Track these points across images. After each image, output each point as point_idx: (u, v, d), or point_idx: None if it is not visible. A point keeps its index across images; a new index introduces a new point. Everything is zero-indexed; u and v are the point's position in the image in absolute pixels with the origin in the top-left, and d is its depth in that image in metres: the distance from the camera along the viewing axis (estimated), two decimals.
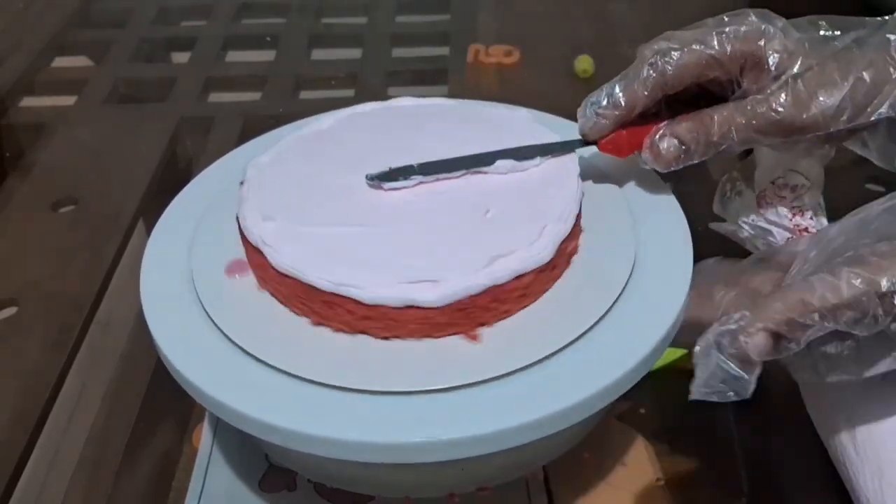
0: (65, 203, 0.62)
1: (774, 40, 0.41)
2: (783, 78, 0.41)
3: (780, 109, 0.40)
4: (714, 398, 0.36)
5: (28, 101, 0.77)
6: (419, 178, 0.42)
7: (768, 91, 0.41)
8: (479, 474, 0.41)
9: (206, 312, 0.40)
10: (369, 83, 0.76)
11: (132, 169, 0.65)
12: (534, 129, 0.46)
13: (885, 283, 0.33)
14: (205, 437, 0.46)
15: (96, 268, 0.56)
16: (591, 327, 0.38)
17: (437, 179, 0.43)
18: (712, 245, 0.51)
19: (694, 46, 0.42)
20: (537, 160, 0.44)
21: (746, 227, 0.48)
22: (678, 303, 0.40)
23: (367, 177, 0.42)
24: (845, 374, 0.36)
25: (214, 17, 0.89)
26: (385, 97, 0.51)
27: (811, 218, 0.47)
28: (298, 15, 0.89)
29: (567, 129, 0.48)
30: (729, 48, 0.41)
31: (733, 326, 0.36)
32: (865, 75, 0.39)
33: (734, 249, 0.51)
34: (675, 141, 0.42)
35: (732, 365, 0.35)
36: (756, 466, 0.45)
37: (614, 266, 0.41)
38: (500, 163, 0.43)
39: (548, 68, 0.77)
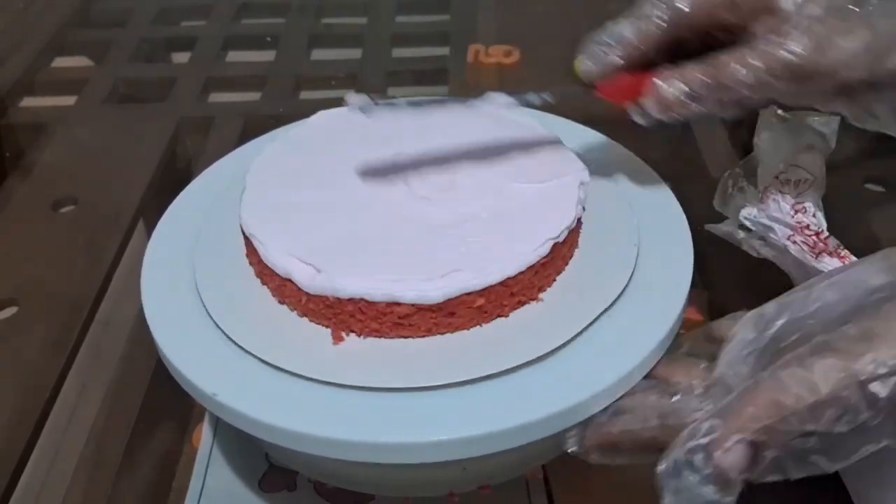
0: (65, 203, 0.62)
1: None
2: (803, 20, 0.38)
3: (798, 51, 0.37)
4: None
5: (28, 101, 0.77)
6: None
7: (785, 34, 0.38)
8: (481, 473, 0.41)
9: (208, 313, 0.40)
10: (369, 83, 0.76)
11: (132, 169, 0.65)
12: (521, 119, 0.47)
13: (866, 370, 0.29)
14: (205, 437, 0.46)
15: (96, 268, 0.56)
16: (591, 326, 0.38)
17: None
18: (712, 245, 0.51)
19: None
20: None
21: (748, 223, 0.48)
22: (678, 303, 0.40)
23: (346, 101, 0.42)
24: (813, 470, 0.32)
25: (214, 17, 0.89)
26: (385, 97, 0.51)
27: (813, 215, 0.47)
28: (298, 15, 0.89)
29: (567, 130, 0.48)
30: None
31: (704, 440, 0.30)
32: (887, 24, 0.37)
33: (732, 250, 0.51)
34: (683, 85, 0.39)
35: (709, 487, 0.30)
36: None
37: (615, 266, 0.41)
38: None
39: (548, 68, 0.77)
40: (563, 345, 0.38)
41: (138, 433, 0.48)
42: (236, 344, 0.38)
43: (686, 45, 0.41)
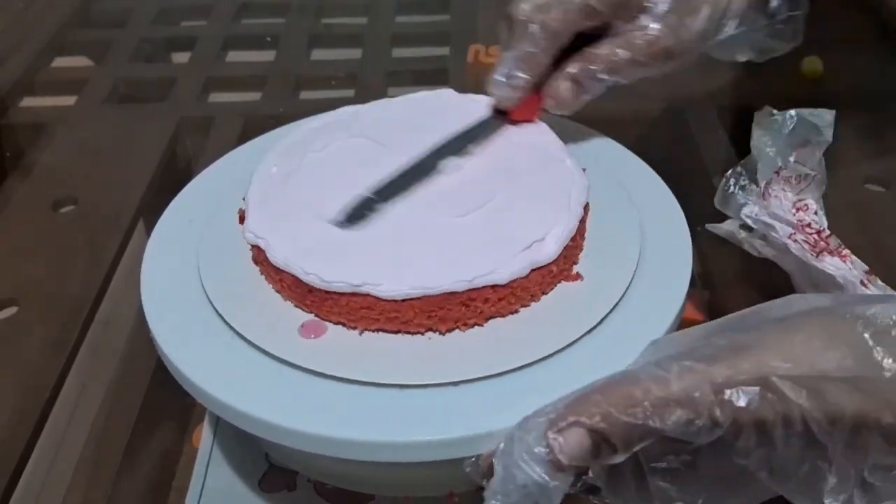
0: (65, 203, 0.62)
1: None
2: (656, 13, 0.45)
3: (656, 39, 0.45)
4: None
5: (28, 101, 0.77)
6: (380, 204, 0.41)
7: (644, 25, 0.45)
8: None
9: (215, 309, 0.40)
10: (369, 83, 0.76)
11: (132, 169, 0.65)
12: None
13: (720, 375, 0.28)
14: (205, 436, 0.46)
15: (96, 268, 0.56)
16: (592, 328, 0.38)
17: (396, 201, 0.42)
18: (712, 245, 0.51)
19: (574, 0, 0.44)
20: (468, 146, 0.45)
21: (749, 221, 0.48)
22: (677, 303, 0.40)
23: (330, 222, 0.41)
24: (684, 499, 0.30)
25: (214, 17, 0.89)
26: (385, 97, 0.51)
27: (815, 213, 0.47)
28: (298, 15, 0.89)
29: (568, 130, 0.48)
30: None
31: (540, 419, 0.29)
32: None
33: (732, 250, 0.51)
34: (569, 83, 0.45)
35: (537, 469, 0.29)
36: None
37: (616, 266, 0.41)
38: (440, 163, 0.44)
39: None
40: (563, 347, 0.38)
41: (138, 433, 0.48)
42: (242, 337, 0.38)
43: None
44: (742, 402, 0.28)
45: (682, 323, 0.40)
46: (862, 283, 0.44)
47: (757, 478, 0.29)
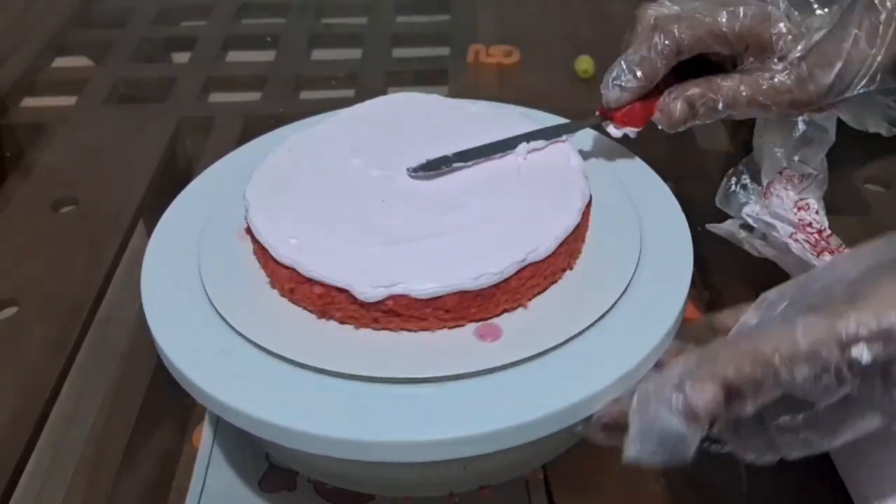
0: (65, 203, 0.62)
1: (779, 24, 0.45)
2: (787, 59, 0.45)
3: (783, 87, 0.44)
4: (649, 458, 0.31)
5: (28, 101, 0.77)
6: (459, 163, 0.44)
7: (773, 69, 0.45)
8: (481, 473, 0.41)
9: (215, 309, 0.40)
10: (369, 83, 0.76)
11: (132, 169, 0.65)
12: (521, 121, 0.47)
13: (846, 330, 0.29)
14: (205, 437, 0.46)
15: (96, 268, 0.56)
16: (591, 326, 0.38)
17: (476, 163, 0.44)
18: (712, 245, 0.51)
19: (704, 19, 0.44)
20: (564, 138, 0.46)
21: (750, 220, 0.48)
22: (678, 303, 0.40)
23: (407, 170, 0.43)
24: (806, 448, 0.32)
25: (214, 17, 0.89)
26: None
27: (816, 212, 0.47)
28: (298, 15, 0.89)
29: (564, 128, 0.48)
30: (737, 27, 0.44)
31: (677, 373, 0.31)
32: (852, 54, 0.43)
33: (733, 250, 0.51)
34: (685, 104, 0.45)
35: (675, 419, 0.31)
36: (756, 467, 0.45)
37: (615, 267, 0.41)
38: (523, 145, 0.45)
39: (548, 68, 0.77)
40: (562, 343, 0.38)
41: (138, 433, 0.48)
42: (244, 337, 0.38)
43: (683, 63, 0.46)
44: (867, 359, 0.29)
45: (682, 322, 0.40)
46: None
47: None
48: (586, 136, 0.50)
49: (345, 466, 0.40)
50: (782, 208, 0.47)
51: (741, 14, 0.45)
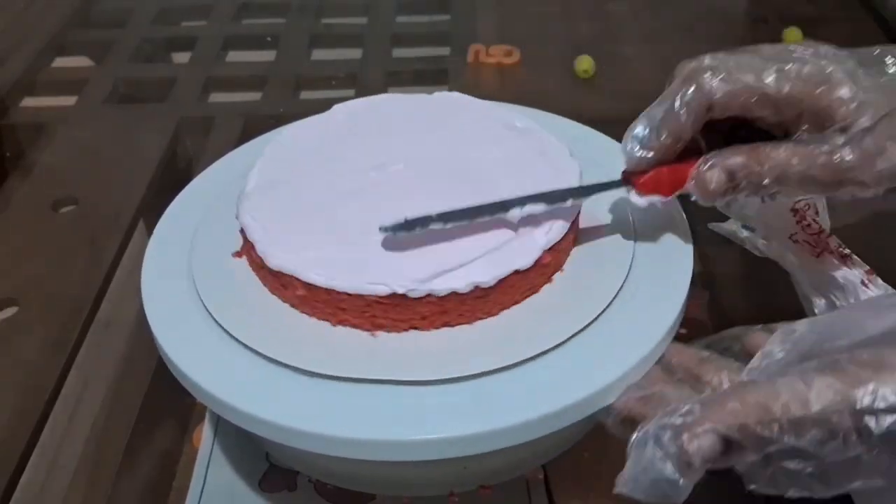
0: (65, 203, 0.62)
1: (842, 88, 0.37)
2: (851, 131, 0.37)
3: (845, 164, 0.35)
4: (640, 497, 0.31)
5: (28, 101, 0.77)
6: (438, 225, 0.39)
7: (833, 141, 0.36)
8: (481, 473, 0.41)
9: (209, 311, 0.40)
10: (369, 83, 0.76)
11: (132, 169, 0.65)
12: (529, 127, 0.47)
13: (861, 399, 0.28)
14: (205, 436, 0.46)
15: (96, 268, 0.56)
16: (589, 326, 0.38)
17: (458, 226, 0.39)
18: (713, 244, 0.51)
19: (745, 78, 0.37)
20: (569, 202, 0.41)
21: (751, 220, 0.48)
22: (678, 303, 0.40)
23: (380, 228, 0.38)
24: (808, 492, 0.30)
25: (214, 17, 0.89)
26: None
27: (816, 213, 0.47)
28: (298, 15, 0.89)
29: (568, 130, 0.48)
30: (787, 88, 0.37)
31: (678, 421, 0.30)
32: None
33: (733, 250, 0.51)
34: (724, 174, 0.38)
35: (668, 465, 0.30)
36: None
37: (612, 266, 0.41)
38: (529, 207, 0.40)
39: (548, 68, 0.77)
40: (561, 343, 0.38)
41: (138, 433, 0.48)
42: (237, 341, 0.38)
43: (721, 122, 0.40)
44: (880, 430, 0.28)
45: (682, 322, 0.40)
46: (862, 283, 0.44)
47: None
48: (586, 136, 0.50)
49: (345, 466, 0.40)
50: (782, 209, 0.47)
51: (793, 73, 0.37)
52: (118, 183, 0.64)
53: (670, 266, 0.42)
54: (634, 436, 0.31)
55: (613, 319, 0.39)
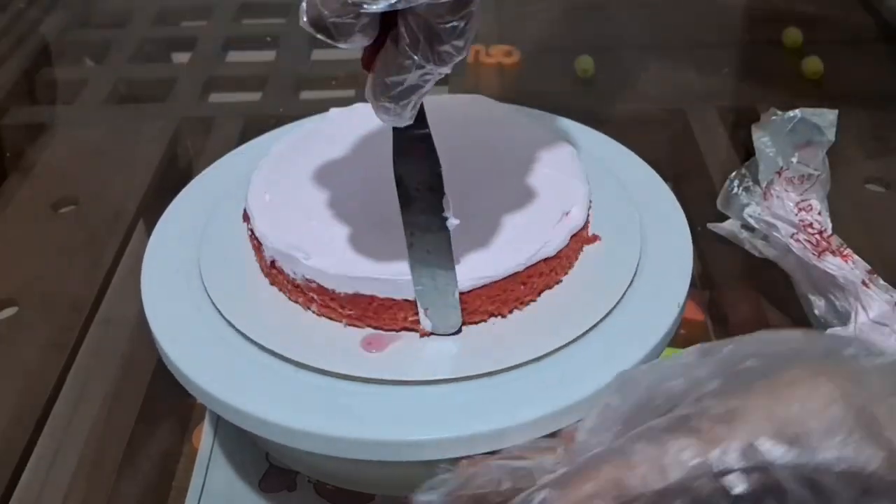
0: (65, 203, 0.62)
1: None
2: None
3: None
4: None
5: (28, 102, 0.77)
6: None
7: None
8: None
9: (216, 308, 0.40)
10: None
11: (132, 169, 0.65)
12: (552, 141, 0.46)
13: (721, 461, 0.26)
14: (205, 436, 0.46)
15: (96, 268, 0.56)
16: (590, 328, 0.38)
17: None
18: (713, 245, 0.51)
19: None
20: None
21: (752, 220, 0.48)
22: (677, 303, 0.40)
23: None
24: None
25: (214, 17, 0.89)
26: None
27: (818, 213, 0.47)
28: (299, 15, 0.89)
29: (568, 130, 0.48)
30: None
31: (537, 498, 0.27)
32: None
33: (733, 250, 0.51)
34: None
35: None
36: None
37: (616, 267, 0.41)
38: None
39: (548, 68, 0.77)
40: (560, 346, 0.38)
41: (138, 433, 0.48)
42: (237, 340, 0.38)
43: None
44: (740, 490, 0.27)
45: (682, 322, 0.40)
46: (863, 282, 0.44)
47: None
48: (586, 136, 0.50)
49: (345, 466, 0.40)
50: (783, 209, 0.47)
51: None
52: (118, 183, 0.64)
53: (670, 266, 0.42)
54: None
55: (613, 320, 0.39)
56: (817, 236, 0.47)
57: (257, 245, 0.41)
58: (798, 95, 0.66)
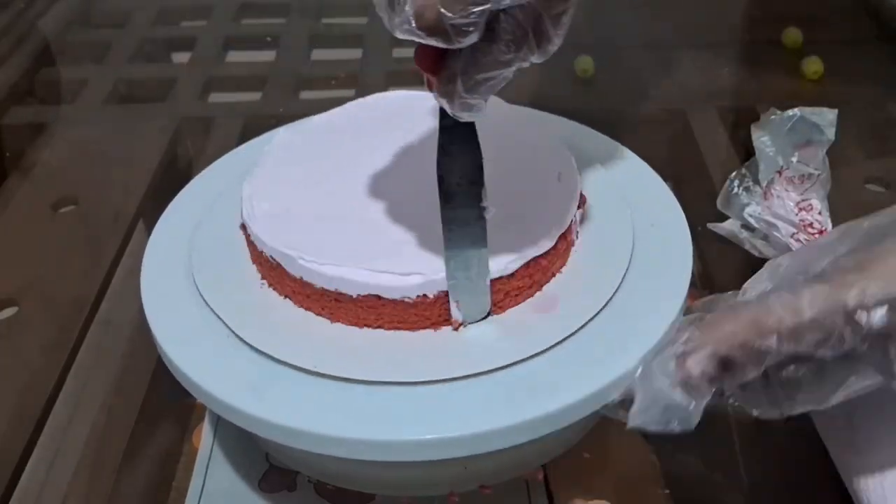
0: (65, 203, 0.62)
1: None
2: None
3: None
4: (653, 427, 0.32)
5: (28, 102, 0.77)
6: None
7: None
8: (481, 473, 0.41)
9: (209, 310, 0.40)
10: (369, 83, 0.76)
11: (132, 169, 0.65)
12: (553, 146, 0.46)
13: (852, 300, 0.29)
14: (205, 436, 0.46)
15: (96, 268, 0.56)
16: (587, 324, 0.38)
17: None
18: (712, 245, 0.51)
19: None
20: None
21: (752, 220, 0.48)
22: (677, 303, 0.40)
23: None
24: (809, 403, 0.32)
25: (214, 17, 0.89)
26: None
27: (819, 213, 0.47)
28: (298, 15, 0.89)
29: (568, 130, 0.48)
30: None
31: (679, 349, 0.32)
32: None
33: (733, 250, 0.51)
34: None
35: (677, 391, 0.31)
36: (757, 467, 0.45)
37: (611, 265, 0.41)
38: None
39: (548, 68, 0.77)
40: (558, 343, 0.38)
41: (138, 433, 0.48)
42: (237, 340, 0.38)
43: None
44: (872, 324, 0.29)
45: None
46: None
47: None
48: (586, 136, 0.50)
49: (345, 466, 0.40)
50: (783, 209, 0.47)
51: None
52: (118, 183, 0.64)
53: (670, 266, 0.42)
54: (639, 371, 0.33)
55: (613, 319, 0.39)
56: (817, 236, 0.47)
57: (253, 246, 0.41)
58: (798, 95, 0.66)
